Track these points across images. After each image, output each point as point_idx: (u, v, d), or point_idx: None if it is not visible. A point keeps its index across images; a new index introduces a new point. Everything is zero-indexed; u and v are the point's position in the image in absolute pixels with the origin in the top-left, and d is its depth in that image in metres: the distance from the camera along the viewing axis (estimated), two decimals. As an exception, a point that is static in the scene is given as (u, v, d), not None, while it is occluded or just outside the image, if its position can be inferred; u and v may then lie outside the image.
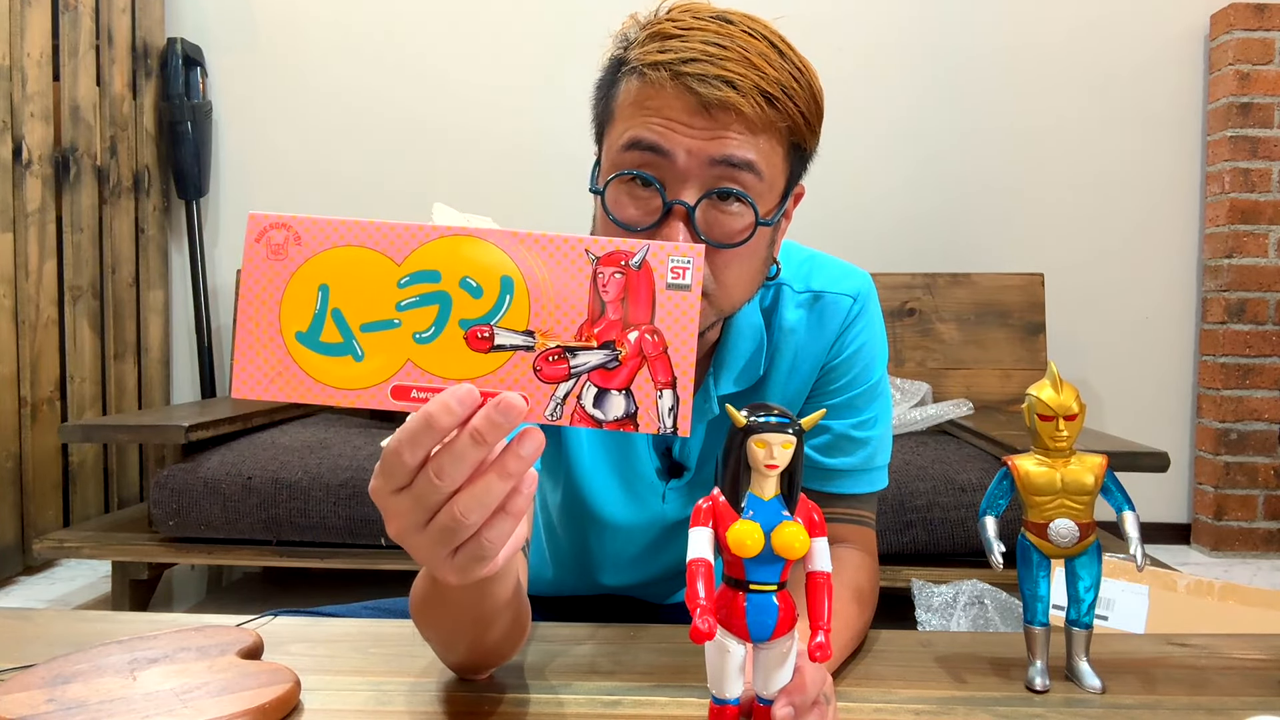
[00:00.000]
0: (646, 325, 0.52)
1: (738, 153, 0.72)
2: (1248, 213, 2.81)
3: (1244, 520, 2.83)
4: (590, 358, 0.53)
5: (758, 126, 0.72)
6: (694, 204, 0.72)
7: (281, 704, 0.63)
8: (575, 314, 0.53)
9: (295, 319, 0.53)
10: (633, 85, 0.74)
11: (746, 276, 0.79)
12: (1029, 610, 0.72)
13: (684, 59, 0.71)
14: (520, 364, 0.53)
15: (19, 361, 2.42)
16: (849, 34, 2.93)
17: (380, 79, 2.99)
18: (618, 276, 0.52)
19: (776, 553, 0.54)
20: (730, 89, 0.70)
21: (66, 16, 2.58)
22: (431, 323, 0.52)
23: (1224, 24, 2.83)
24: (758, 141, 0.72)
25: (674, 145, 0.71)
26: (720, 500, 0.56)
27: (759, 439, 0.55)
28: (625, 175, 0.73)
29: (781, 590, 0.56)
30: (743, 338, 0.87)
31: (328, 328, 0.53)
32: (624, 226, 0.74)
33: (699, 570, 0.54)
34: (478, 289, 0.52)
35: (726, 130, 0.71)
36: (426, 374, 0.53)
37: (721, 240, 0.74)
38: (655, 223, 0.73)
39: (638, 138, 0.73)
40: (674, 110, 0.71)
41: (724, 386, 0.88)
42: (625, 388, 0.53)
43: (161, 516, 2.03)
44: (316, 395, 0.53)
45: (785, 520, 0.55)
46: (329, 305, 0.53)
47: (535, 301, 0.52)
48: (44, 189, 2.51)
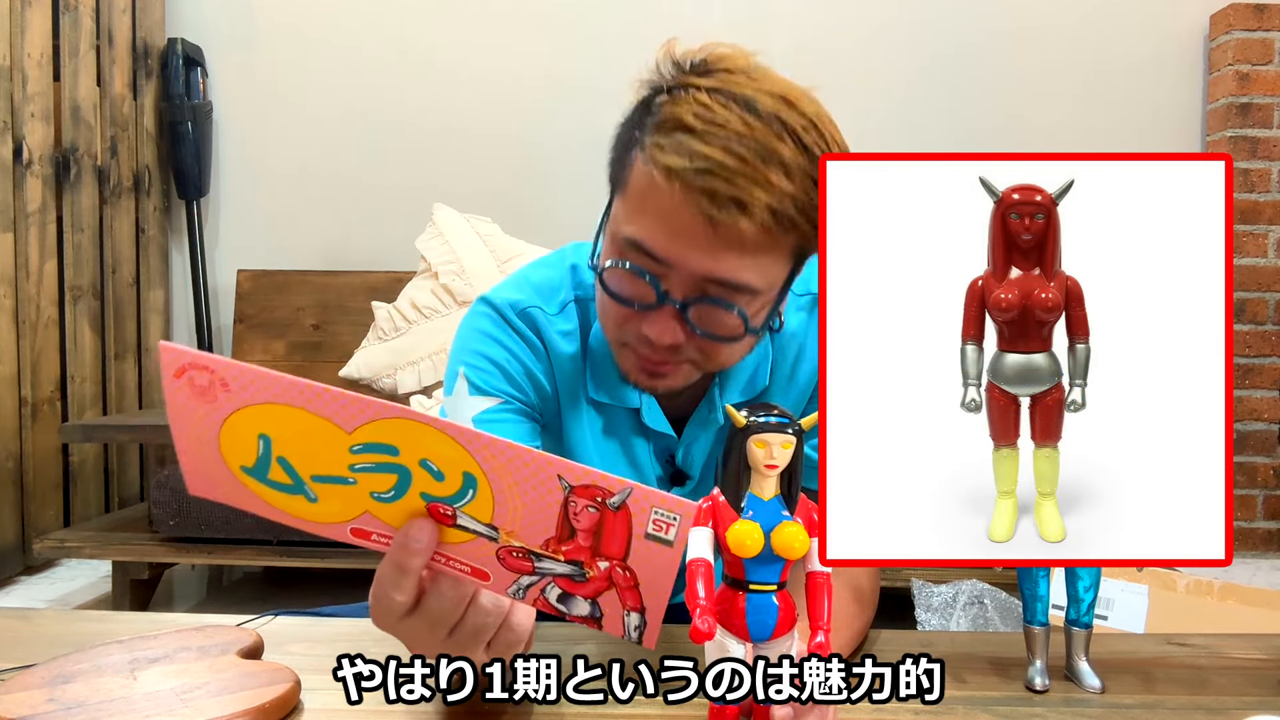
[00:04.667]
0: (619, 561, 0.50)
1: (733, 276, 0.72)
2: (1247, 213, 2.81)
3: (1243, 520, 2.83)
4: (556, 567, 0.50)
5: (760, 248, 0.71)
6: (686, 304, 0.73)
7: (281, 704, 0.63)
8: (542, 530, 0.49)
9: (238, 455, 0.48)
10: (644, 176, 0.72)
11: (740, 352, 0.80)
12: (1029, 610, 0.72)
13: (697, 169, 0.68)
14: (484, 545, 0.50)
15: (19, 361, 2.43)
16: (846, 32, 2.94)
17: (380, 79, 2.99)
18: (591, 510, 0.48)
19: (776, 553, 0.55)
20: (740, 212, 0.69)
21: (67, 17, 2.58)
22: (391, 487, 0.49)
23: (1224, 24, 2.83)
24: (759, 260, 0.72)
25: (673, 258, 0.72)
26: (720, 500, 0.56)
27: (759, 439, 0.54)
28: (622, 266, 0.74)
29: (781, 590, 0.56)
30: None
31: (274, 469, 0.48)
32: (620, 302, 0.75)
33: (698, 570, 0.54)
34: (439, 474, 0.48)
35: (728, 250, 0.70)
36: (387, 525, 0.50)
37: (711, 333, 0.75)
38: (649, 305, 0.74)
39: (640, 242, 0.73)
40: (679, 221, 0.70)
41: (730, 396, 0.88)
42: (591, 599, 0.51)
43: (162, 516, 2.03)
44: (275, 516, 0.51)
45: (785, 520, 0.55)
46: (273, 453, 0.48)
47: (500, 505, 0.48)
48: (44, 189, 2.51)
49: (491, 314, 0.86)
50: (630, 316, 0.76)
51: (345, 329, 2.77)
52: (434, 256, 2.47)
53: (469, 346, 0.86)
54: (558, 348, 0.86)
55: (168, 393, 0.47)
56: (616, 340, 0.80)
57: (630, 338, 0.77)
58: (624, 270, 0.74)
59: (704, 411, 0.88)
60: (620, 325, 0.78)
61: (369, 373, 2.43)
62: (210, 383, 0.46)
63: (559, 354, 0.87)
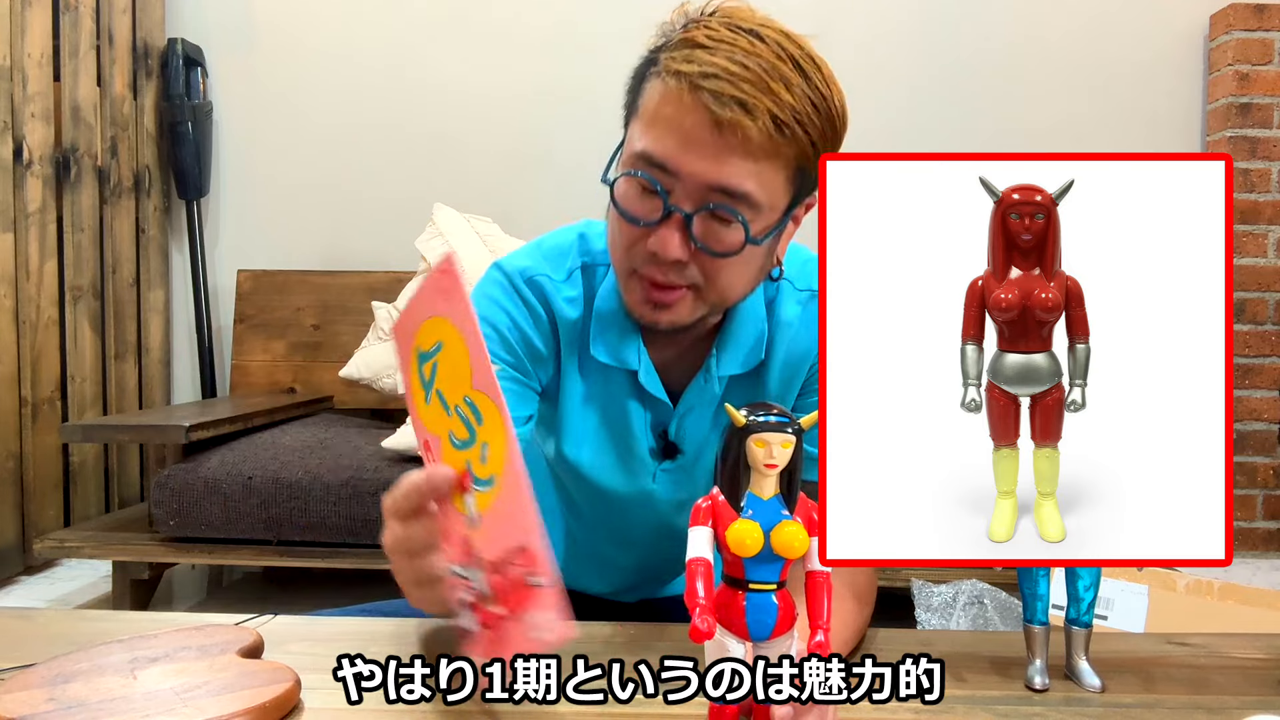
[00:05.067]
0: (511, 614, 0.57)
1: (736, 182, 0.75)
2: (1247, 213, 2.81)
3: (1243, 520, 2.83)
4: (476, 582, 0.60)
5: (762, 153, 0.74)
6: (691, 213, 0.77)
7: (281, 703, 0.63)
8: (493, 549, 0.58)
9: (423, 339, 0.64)
10: (656, 89, 0.77)
11: (740, 281, 0.83)
12: (1029, 609, 0.72)
13: (705, 73, 0.73)
14: (462, 524, 0.61)
15: (20, 361, 2.43)
16: (847, 33, 2.94)
17: (380, 79, 2.99)
18: (520, 574, 0.55)
19: (776, 552, 0.55)
20: (742, 111, 0.72)
21: (67, 17, 2.58)
22: (461, 441, 0.60)
23: (1224, 24, 2.83)
24: (760, 168, 0.75)
25: (680, 166, 0.75)
26: (719, 499, 0.57)
27: (758, 438, 0.55)
28: (633, 175, 0.78)
29: (781, 589, 0.56)
30: (746, 322, 0.90)
31: (427, 367, 0.64)
32: (629, 219, 0.79)
33: (698, 569, 0.55)
34: (485, 459, 0.59)
35: (731, 154, 0.74)
36: (439, 457, 0.63)
37: (714, 249, 0.78)
38: (655, 221, 0.78)
39: (649, 153, 0.77)
40: (686, 125, 0.74)
41: (727, 367, 0.90)
42: (480, 623, 0.61)
43: (162, 516, 2.03)
44: (407, 390, 0.67)
45: (785, 519, 0.55)
46: (434, 356, 0.63)
47: (492, 510, 0.58)
48: (44, 189, 2.51)
49: (502, 280, 0.92)
50: (639, 237, 0.79)
51: (345, 329, 2.77)
52: (434, 257, 2.47)
53: (476, 310, 0.89)
54: (562, 312, 0.90)
55: (428, 279, 0.62)
56: (625, 268, 0.83)
57: (638, 261, 0.80)
58: (633, 181, 0.78)
59: (700, 381, 0.90)
60: (629, 248, 0.81)
61: (369, 373, 2.43)
62: (447, 288, 0.61)
63: (563, 318, 0.90)
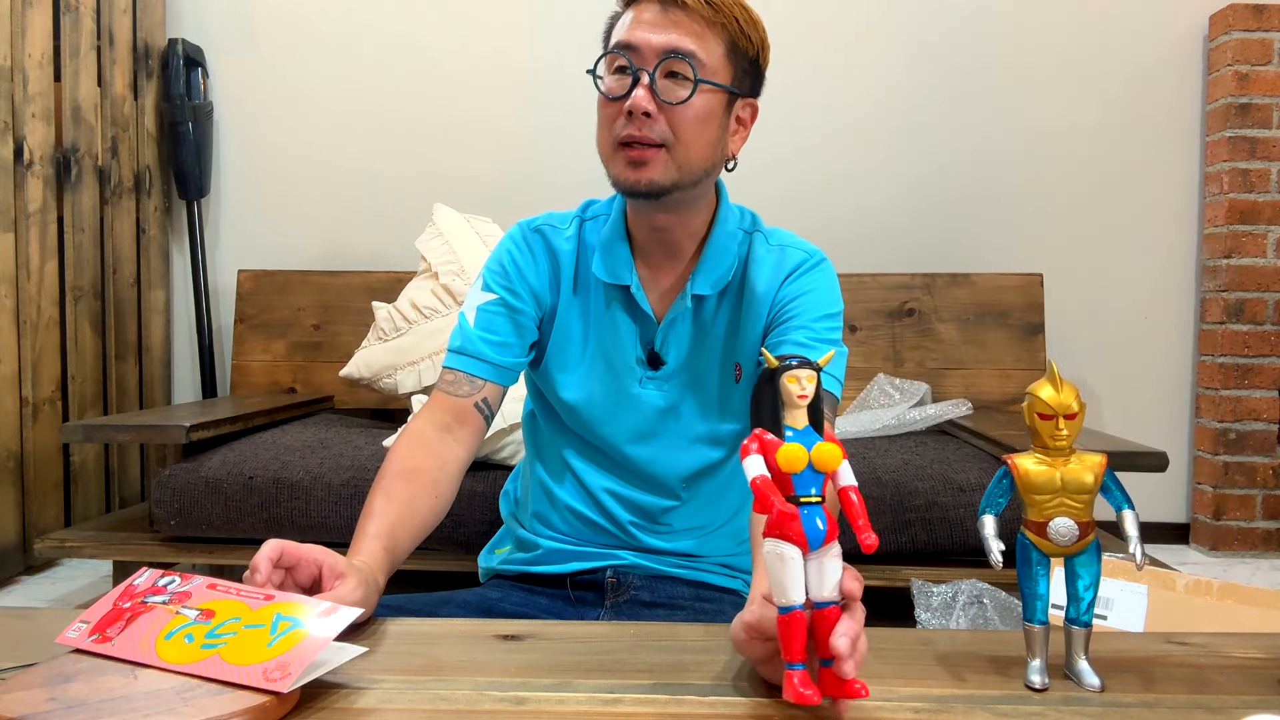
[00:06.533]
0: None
1: (682, 44, 1.01)
2: (1246, 213, 2.81)
3: (1243, 520, 2.83)
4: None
5: (702, 21, 1.01)
6: (652, 71, 1.01)
7: (282, 704, 0.64)
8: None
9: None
10: (629, 13, 1.04)
11: (699, 141, 1.04)
12: (1028, 609, 0.72)
13: None
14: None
15: (20, 361, 2.43)
16: (849, 33, 2.94)
17: (380, 79, 2.99)
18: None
19: (816, 468, 0.64)
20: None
21: (67, 17, 2.58)
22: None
23: (1223, 25, 2.83)
24: (700, 33, 1.01)
25: (638, 40, 1.01)
26: (766, 436, 0.65)
27: (791, 375, 0.65)
28: (609, 53, 1.05)
29: (823, 503, 0.65)
30: (723, 254, 1.11)
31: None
32: (610, 99, 1.03)
33: (762, 483, 0.63)
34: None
35: (675, 26, 1.01)
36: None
37: (672, 100, 1.01)
38: (628, 90, 1.01)
39: (618, 40, 1.04)
40: (644, 15, 1.02)
41: (700, 287, 1.11)
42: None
43: (163, 516, 2.03)
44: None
45: (819, 441, 0.65)
46: None
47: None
48: (45, 189, 2.51)
49: (516, 234, 1.19)
50: (617, 113, 1.03)
51: (345, 329, 2.77)
52: (434, 256, 2.47)
53: (494, 255, 1.19)
54: (561, 248, 1.17)
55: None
56: (610, 145, 1.04)
57: (619, 129, 1.02)
58: (609, 63, 1.04)
59: (682, 302, 1.11)
60: (611, 124, 1.04)
61: (369, 373, 2.43)
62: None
63: (562, 253, 1.17)
